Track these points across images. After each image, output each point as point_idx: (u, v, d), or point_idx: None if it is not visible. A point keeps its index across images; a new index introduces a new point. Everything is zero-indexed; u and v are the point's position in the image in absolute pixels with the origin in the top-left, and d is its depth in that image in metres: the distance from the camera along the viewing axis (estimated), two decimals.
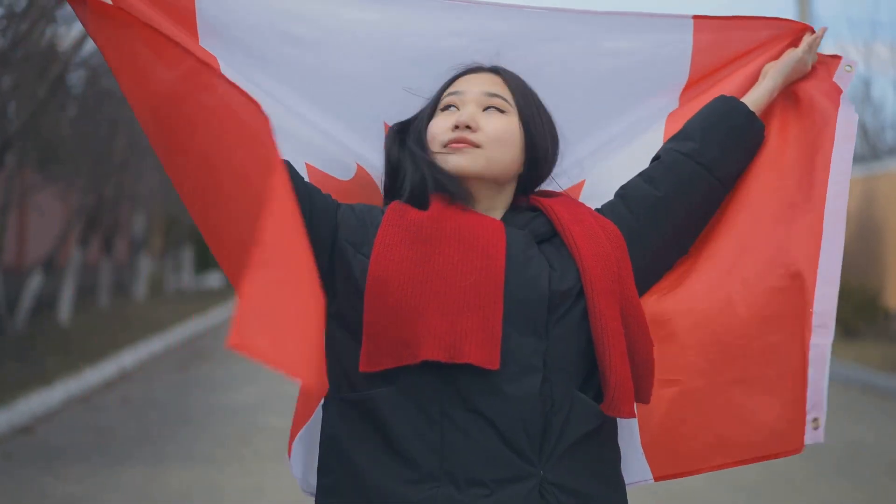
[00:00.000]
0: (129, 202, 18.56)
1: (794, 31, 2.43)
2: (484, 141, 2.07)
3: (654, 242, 2.22)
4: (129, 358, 11.69)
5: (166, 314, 17.39)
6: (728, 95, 2.35)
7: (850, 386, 11.19)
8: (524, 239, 2.08)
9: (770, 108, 2.38)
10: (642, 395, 2.12)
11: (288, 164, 2.06)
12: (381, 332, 1.96)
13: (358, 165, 2.32)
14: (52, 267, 13.62)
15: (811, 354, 2.14)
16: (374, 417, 2.00)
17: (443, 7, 2.34)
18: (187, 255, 28.30)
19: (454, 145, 2.07)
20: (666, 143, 2.32)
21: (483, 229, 2.03)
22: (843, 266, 2.20)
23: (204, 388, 10.19)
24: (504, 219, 2.14)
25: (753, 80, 2.41)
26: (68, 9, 8.59)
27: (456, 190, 2.06)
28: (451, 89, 2.15)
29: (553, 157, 2.19)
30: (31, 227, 17.01)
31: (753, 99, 2.36)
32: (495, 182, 2.11)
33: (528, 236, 2.10)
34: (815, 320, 2.15)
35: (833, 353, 2.13)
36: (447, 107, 2.12)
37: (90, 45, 9.19)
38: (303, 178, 2.11)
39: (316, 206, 2.06)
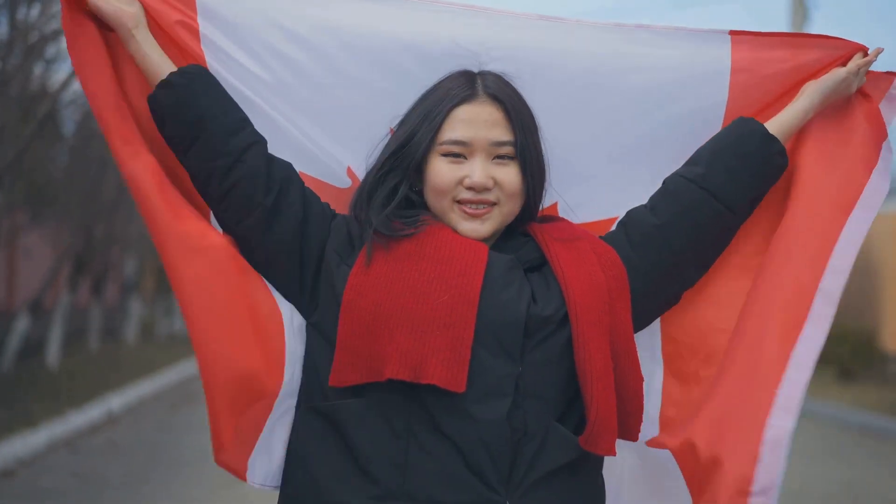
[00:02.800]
0: (119, 244, 18.44)
1: (846, 51, 2.23)
2: (500, 198, 2.03)
3: (651, 272, 2.12)
4: (116, 401, 11.55)
5: (157, 357, 17.26)
6: (747, 116, 2.21)
7: (847, 428, 11.12)
8: (507, 263, 2.02)
9: (805, 129, 2.22)
10: (630, 431, 2.04)
11: (289, 167, 2.08)
12: (353, 347, 1.93)
13: (350, 170, 2.24)
14: (39, 309, 13.49)
15: (767, 434, 1.96)
16: (340, 429, 1.96)
17: (453, 14, 2.23)
18: None
19: (472, 210, 2.01)
20: (676, 171, 2.20)
21: (464, 250, 1.98)
22: (840, 307, 2.09)
23: (192, 431, 10.05)
24: (494, 245, 2.07)
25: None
26: (56, 47, 8.65)
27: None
28: (452, 132, 2.03)
29: (543, 186, 2.11)
30: (20, 269, 16.89)
31: (783, 120, 2.20)
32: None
33: (514, 262, 2.03)
34: (778, 401, 1.98)
35: (829, 395, 2.04)
36: (452, 154, 2.03)
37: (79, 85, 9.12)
38: (303, 183, 2.08)
39: (312, 210, 2.05)
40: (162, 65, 2.08)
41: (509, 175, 2.03)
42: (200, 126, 2.04)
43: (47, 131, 9.83)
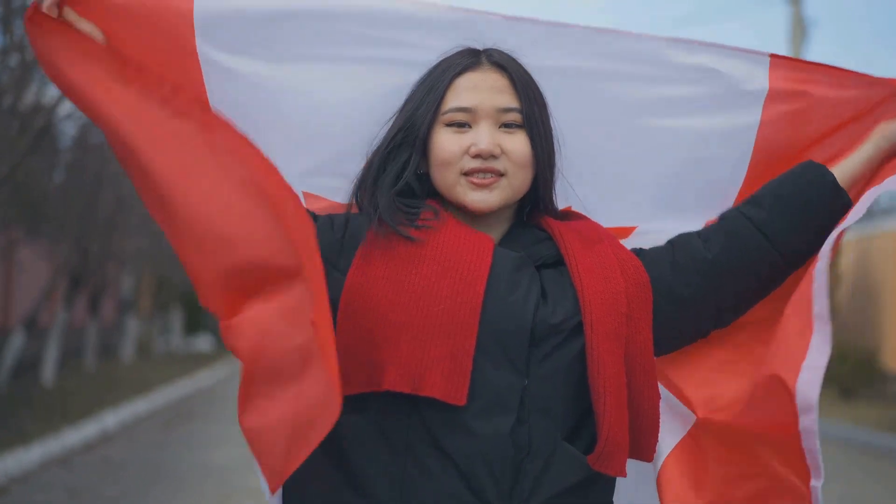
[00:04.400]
0: (116, 261, 18.38)
1: (890, 90, 2.08)
2: (508, 167, 1.90)
3: (688, 301, 1.99)
4: (111, 419, 11.49)
5: (153, 376, 17.19)
6: (817, 162, 2.05)
7: (848, 446, 11.11)
8: (515, 262, 1.89)
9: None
10: (644, 451, 1.93)
11: None
12: (351, 355, 1.81)
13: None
14: (34, 326, 13.43)
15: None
16: (338, 448, 1.85)
17: (463, 22, 2.10)
18: (177, 317, 28.11)
19: (479, 180, 1.89)
20: (737, 206, 2.07)
21: (468, 250, 1.86)
22: (840, 326, 2.01)
23: (186, 448, 10.01)
24: (506, 237, 1.96)
25: (843, 144, 2.09)
26: None
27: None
28: (456, 100, 1.91)
29: (554, 161, 1.98)
30: (15, 286, 16.82)
31: (846, 168, 2.04)
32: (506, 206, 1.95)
33: (523, 259, 1.90)
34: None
35: (830, 413, 1.98)
36: (456, 123, 1.91)
37: None
38: None
39: None
40: None
41: (517, 143, 1.90)
42: None
43: (43, 145, 9.78)
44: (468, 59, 1.94)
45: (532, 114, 1.92)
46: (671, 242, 2.04)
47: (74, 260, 14.38)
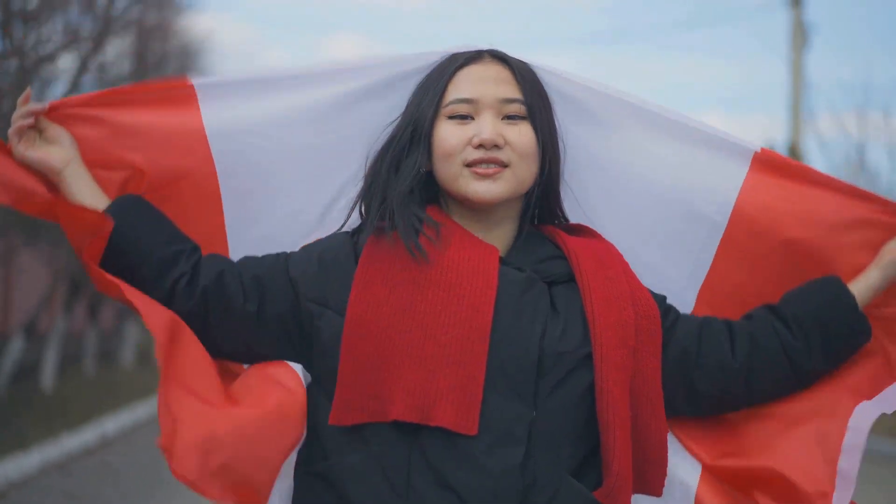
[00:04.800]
0: None
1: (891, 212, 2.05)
2: (512, 158, 1.85)
3: (695, 392, 1.96)
4: (111, 424, 11.45)
5: (152, 381, 17.05)
6: (851, 295, 2.00)
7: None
8: (522, 285, 1.83)
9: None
10: (652, 485, 1.88)
11: (214, 267, 1.91)
12: (354, 383, 1.77)
13: None
14: (34, 332, 13.40)
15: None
16: (338, 489, 1.79)
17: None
18: None
19: (483, 170, 1.83)
20: (768, 311, 2.01)
21: (474, 271, 1.80)
22: None
23: None
24: (514, 247, 1.90)
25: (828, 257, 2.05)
26: (52, 67, 8.62)
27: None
28: (458, 92, 1.87)
29: (558, 155, 1.93)
30: (14, 291, 16.79)
31: (863, 289, 2.02)
32: (511, 200, 1.90)
33: (530, 280, 1.85)
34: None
35: None
36: (458, 115, 1.86)
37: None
38: (240, 275, 1.90)
39: (267, 291, 1.88)
40: (92, 203, 1.95)
41: (520, 134, 1.86)
42: (130, 273, 1.90)
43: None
44: (470, 54, 1.92)
45: (535, 105, 1.88)
46: (700, 328, 1.98)
47: (74, 265, 14.33)
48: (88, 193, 1.97)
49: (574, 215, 2.05)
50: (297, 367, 1.94)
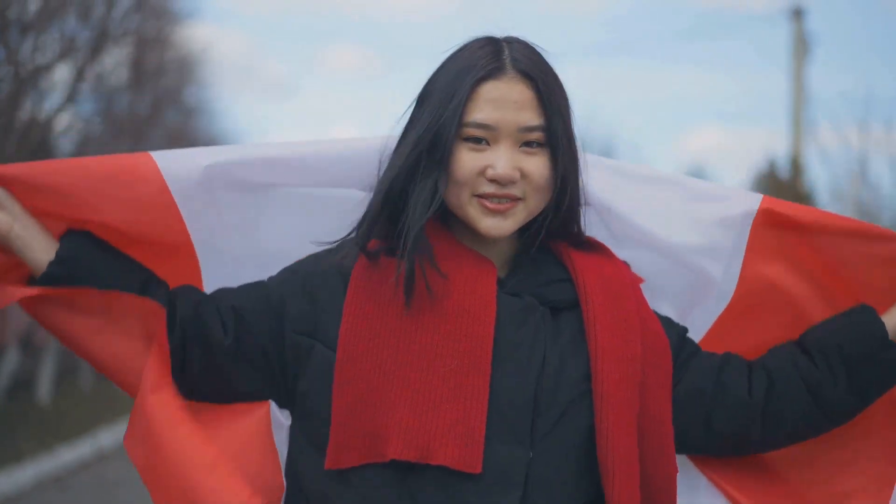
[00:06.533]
0: None
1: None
2: (527, 191, 1.72)
3: (711, 429, 1.86)
4: (107, 437, 11.37)
5: None
6: (880, 321, 1.89)
7: None
8: (518, 315, 1.72)
9: None
10: None
11: (191, 301, 1.83)
12: (349, 422, 1.65)
13: None
14: (29, 344, 13.34)
15: None
16: None
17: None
18: None
19: (493, 205, 1.70)
20: (791, 343, 1.93)
21: (471, 294, 1.68)
22: None
23: None
24: (514, 267, 1.78)
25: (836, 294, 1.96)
26: (49, 78, 8.57)
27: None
28: (477, 113, 1.71)
29: (578, 180, 1.80)
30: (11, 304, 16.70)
31: (892, 325, 1.90)
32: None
33: (529, 307, 1.73)
34: None
35: None
36: (474, 138, 1.72)
37: (71, 113, 9.08)
38: (217, 308, 1.81)
39: (246, 323, 1.77)
40: (41, 256, 1.86)
41: (538, 166, 1.72)
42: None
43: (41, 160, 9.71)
44: (491, 62, 1.74)
45: (556, 131, 1.73)
46: (720, 365, 1.88)
47: None
48: (39, 248, 1.86)
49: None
50: (273, 407, 1.86)
